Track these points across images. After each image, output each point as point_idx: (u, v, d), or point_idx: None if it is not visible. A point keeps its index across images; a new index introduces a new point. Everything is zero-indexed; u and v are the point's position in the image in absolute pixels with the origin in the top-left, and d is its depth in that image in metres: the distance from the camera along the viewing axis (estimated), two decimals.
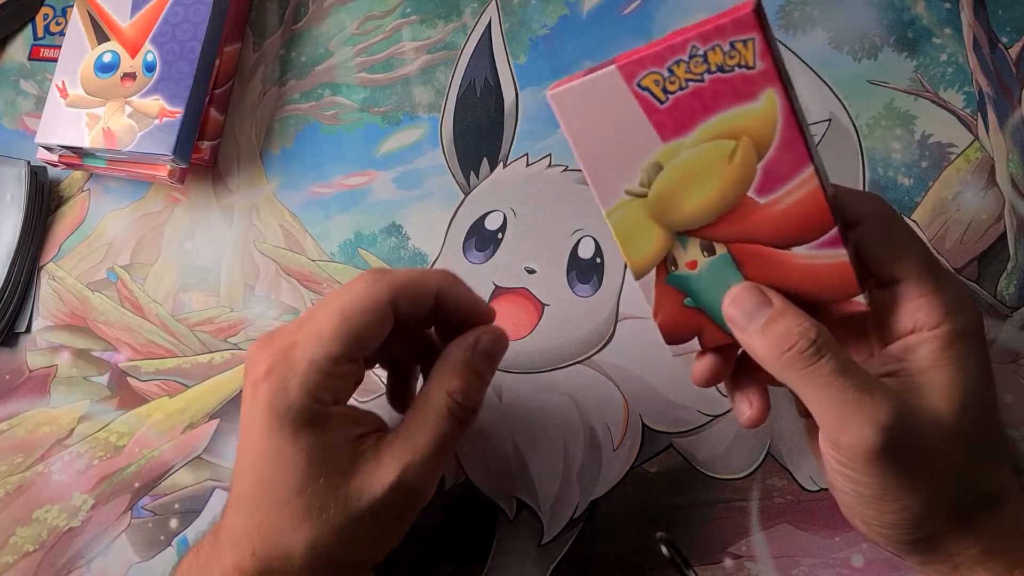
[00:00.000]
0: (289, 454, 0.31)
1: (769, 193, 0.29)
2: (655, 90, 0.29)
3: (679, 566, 0.41)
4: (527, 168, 0.47)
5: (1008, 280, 0.41)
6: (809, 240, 0.30)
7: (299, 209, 0.50)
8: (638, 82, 0.29)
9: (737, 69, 0.28)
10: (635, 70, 0.29)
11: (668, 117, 0.29)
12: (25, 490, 0.49)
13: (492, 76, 0.48)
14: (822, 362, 0.29)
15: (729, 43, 0.28)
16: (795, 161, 0.29)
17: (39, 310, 0.52)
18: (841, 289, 0.30)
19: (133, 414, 0.49)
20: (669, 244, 0.31)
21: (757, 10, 0.27)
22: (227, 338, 0.49)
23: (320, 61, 0.51)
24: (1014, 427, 0.40)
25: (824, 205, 0.29)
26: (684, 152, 0.29)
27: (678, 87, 0.29)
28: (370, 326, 0.32)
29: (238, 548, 0.32)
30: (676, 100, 0.29)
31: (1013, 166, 0.42)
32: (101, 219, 0.52)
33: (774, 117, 0.28)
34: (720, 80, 0.28)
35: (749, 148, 0.29)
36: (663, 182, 0.30)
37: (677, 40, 0.28)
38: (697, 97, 0.29)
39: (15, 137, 0.54)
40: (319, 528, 0.32)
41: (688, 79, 0.28)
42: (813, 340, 0.29)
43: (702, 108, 0.29)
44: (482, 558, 0.43)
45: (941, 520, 0.31)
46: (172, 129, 0.48)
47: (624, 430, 0.43)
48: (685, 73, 0.28)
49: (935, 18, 0.44)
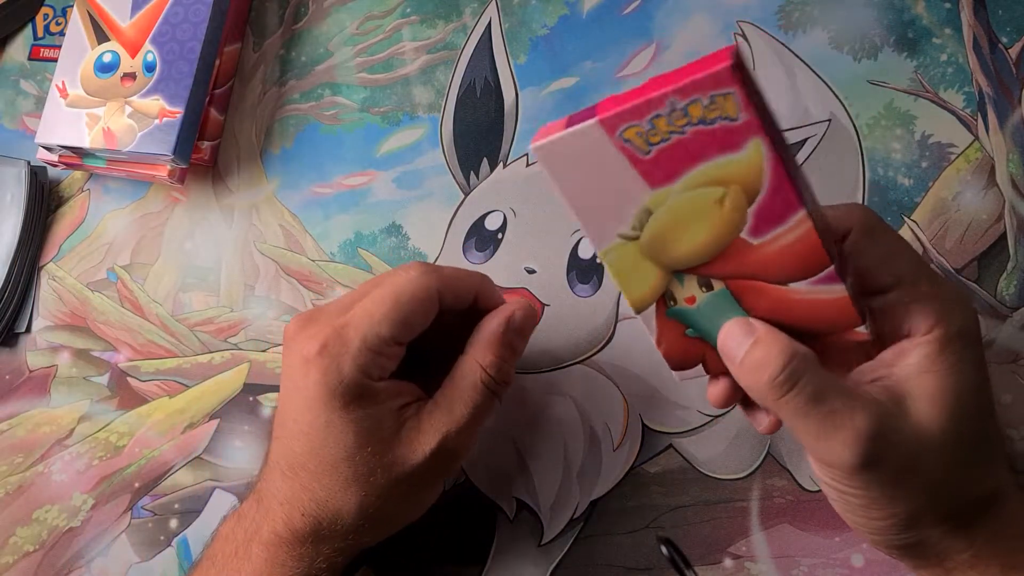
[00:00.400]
0: (339, 425, 0.34)
1: (762, 235, 0.29)
2: (638, 142, 0.29)
3: (679, 566, 0.41)
4: (527, 168, 0.47)
5: (1008, 280, 0.41)
6: (806, 277, 0.30)
7: (299, 209, 0.50)
8: (620, 135, 0.29)
9: (719, 121, 0.28)
10: (616, 123, 0.29)
11: (653, 167, 0.29)
12: (25, 490, 0.49)
13: (492, 76, 0.48)
14: (795, 390, 0.29)
15: (709, 96, 0.27)
16: (785, 206, 0.29)
17: (39, 310, 0.52)
18: (842, 322, 0.30)
19: (133, 414, 0.49)
20: (666, 281, 0.31)
21: (735, 65, 0.27)
22: (227, 338, 0.49)
23: (320, 61, 0.51)
24: (1013, 427, 0.40)
25: (818, 245, 0.29)
26: (673, 198, 0.29)
27: (660, 139, 0.29)
28: (419, 313, 0.35)
29: (287, 507, 0.35)
30: (660, 151, 0.29)
31: (1013, 166, 0.42)
32: (101, 219, 0.52)
33: (760, 165, 0.28)
34: (703, 132, 0.28)
35: (738, 195, 0.29)
36: (654, 226, 0.30)
37: (655, 95, 0.28)
38: (681, 148, 0.28)
39: (15, 137, 0.54)
40: (366, 491, 0.34)
41: (670, 131, 0.28)
42: (783, 367, 0.29)
43: (687, 158, 0.29)
44: (482, 558, 0.43)
45: (931, 524, 0.31)
46: (172, 129, 0.48)
47: (624, 430, 0.43)
48: (667, 126, 0.28)
49: (935, 18, 0.44)
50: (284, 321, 0.48)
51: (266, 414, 0.47)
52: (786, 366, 0.29)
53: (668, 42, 0.47)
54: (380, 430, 0.35)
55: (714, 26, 0.46)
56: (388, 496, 0.35)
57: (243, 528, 0.36)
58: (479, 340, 0.37)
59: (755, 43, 0.46)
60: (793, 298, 0.30)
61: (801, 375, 0.29)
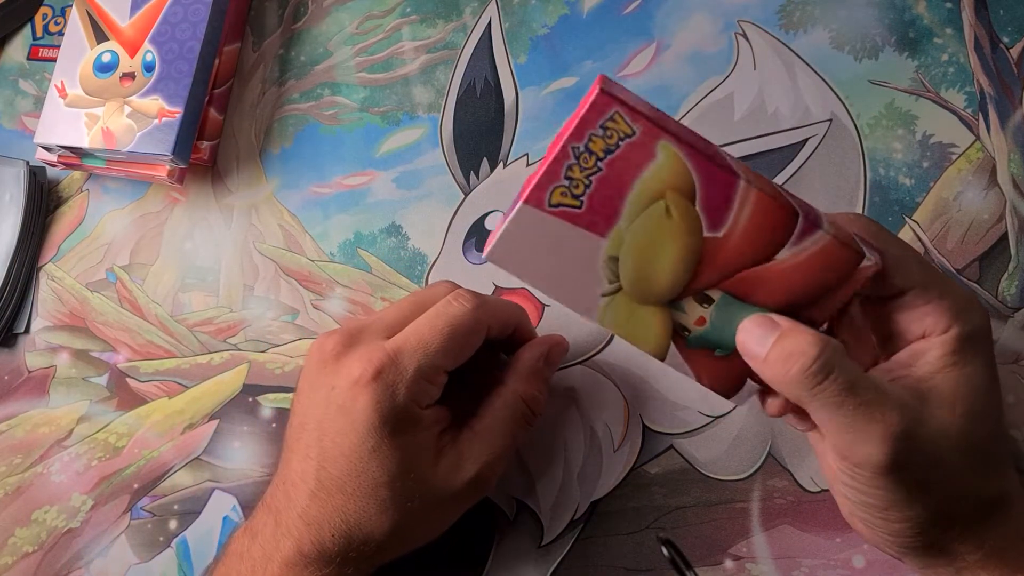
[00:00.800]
0: (386, 451, 0.34)
1: (722, 224, 0.30)
2: (567, 201, 0.30)
3: (679, 567, 0.40)
4: (527, 168, 0.47)
5: (1009, 281, 0.41)
6: (785, 241, 0.30)
7: (298, 209, 0.50)
8: (548, 203, 0.30)
9: (622, 142, 0.29)
10: (539, 195, 0.29)
11: (592, 215, 0.30)
12: (24, 491, 0.49)
13: (492, 76, 0.48)
14: (829, 380, 0.29)
15: (600, 127, 0.28)
16: (724, 185, 0.29)
17: (38, 310, 0.52)
18: (843, 266, 0.30)
19: (132, 415, 0.49)
20: (668, 315, 0.31)
21: (604, 88, 0.28)
22: (226, 339, 0.49)
23: (320, 61, 0.51)
24: (1016, 427, 0.40)
25: (775, 205, 0.29)
26: (627, 234, 0.30)
27: (584, 187, 0.29)
28: (470, 345, 0.36)
29: (315, 528, 0.35)
30: (589, 198, 0.29)
31: (1014, 166, 0.42)
32: (100, 219, 0.52)
33: (680, 161, 0.29)
34: (614, 160, 0.29)
35: (677, 198, 0.29)
36: (627, 269, 0.30)
37: (557, 149, 0.29)
38: (605, 185, 0.29)
39: (14, 137, 0.54)
40: (401, 515, 0.35)
41: (588, 175, 0.29)
42: (816, 357, 0.28)
43: (615, 190, 0.29)
44: (482, 559, 0.43)
45: (946, 526, 0.31)
46: (171, 129, 0.47)
47: (624, 431, 0.43)
48: (582, 172, 0.29)
49: (936, 18, 0.44)
50: (284, 322, 0.48)
51: (265, 415, 0.47)
52: (820, 355, 0.28)
53: (668, 41, 0.47)
54: (422, 457, 0.35)
55: (714, 26, 0.46)
56: (420, 520, 0.36)
57: (259, 546, 0.36)
58: (519, 372, 0.38)
59: (756, 43, 0.45)
60: (788, 267, 0.30)
61: (835, 365, 0.29)
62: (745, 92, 0.45)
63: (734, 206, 0.29)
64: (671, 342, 0.32)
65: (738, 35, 0.46)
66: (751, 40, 0.46)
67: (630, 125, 0.28)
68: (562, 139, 0.29)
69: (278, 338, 0.48)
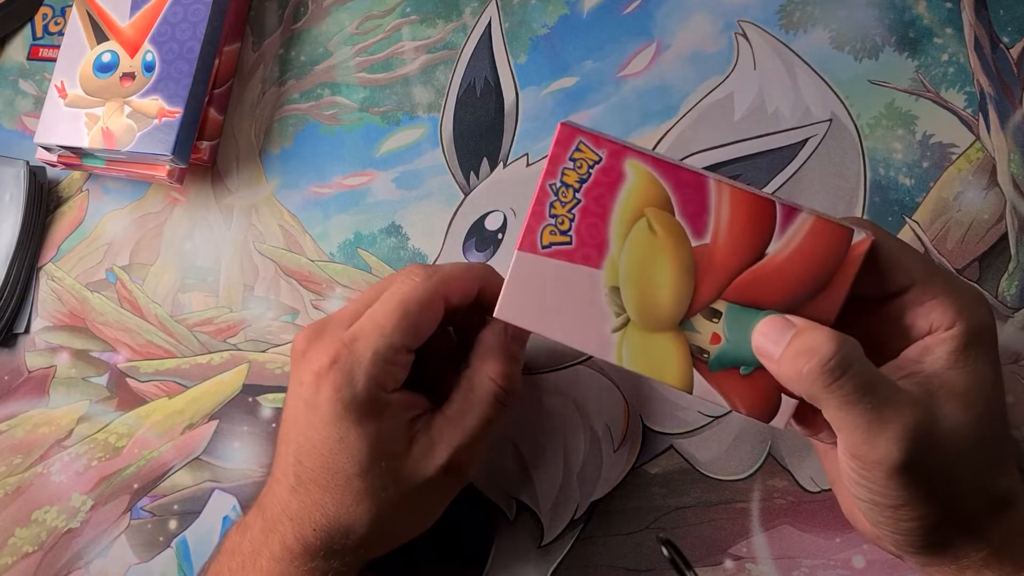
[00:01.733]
0: (353, 440, 0.34)
1: (706, 229, 0.30)
2: (557, 239, 0.31)
3: (679, 567, 0.40)
4: (527, 168, 0.47)
5: (1009, 281, 0.41)
6: (771, 231, 0.30)
7: (298, 209, 0.50)
8: (541, 245, 0.31)
9: (592, 169, 0.30)
10: (531, 239, 0.31)
11: (583, 247, 0.31)
12: (24, 491, 0.49)
13: (492, 76, 0.48)
14: (846, 376, 0.28)
15: (569, 159, 0.30)
16: (695, 188, 0.30)
17: (38, 311, 0.52)
18: (836, 243, 0.30)
19: (132, 415, 0.49)
20: (683, 339, 0.31)
21: (565, 122, 0.31)
22: (226, 339, 0.49)
23: (319, 61, 0.51)
24: (1016, 427, 0.40)
25: (750, 196, 0.30)
26: (621, 261, 0.31)
27: (569, 222, 0.31)
28: (428, 319, 0.35)
29: (297, 523, 0.35)
30: (577, 231, 0.31)
31: (1014, 166, 0.42)
32: (100, 219, 0.52)
33: (650, 175, 0.30)
34: (590, 187, 0.31)
35: (657, 213, 0.30)
36: (629, 296, 0.31)
37: (538, 189, 0.31)
38: (588, 215, 0.31)
39: (14, 137, 0.54)
40: (378, 505, 0.34)
41: (570, 208, 0.31)
42: (834, 352, 0.28)
43: (599, 218, 0.31)
44: (482, 559, 0.43)
45: (954, 526, 0.31)
46: (171, 129, 0.47)
47: (625, 431, 0.43)
48: (564, 207, 0.31)
49: (936, 18, 0.44)
50: (283, 322, 0.48)
51: (265, 415, 0.47)
52: (838, 351, 0.28)
53: (669, 41, 0.47)
54: (393, 444, 0.34)
55: (715, 25, 0.46)
56: (399, 510, 0.35)
57: (249, 541, 0.36)
58: (484, 352, 0.37)
59: (756, 43, 0.45)
60: (783, 260, 0.30)
61: (853, 361, 0.28)
62: (745, 92, 0.45)
63: (711, 207, 0.30)
64: (694, 369, 0.31)
65: (738, 35, 0.46)
66: (751, 40, 0.46)
67: (595, 151, 0.30)
68: (541, 180, 0.31)
69: (278, 338, 0.48)
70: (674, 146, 0.45)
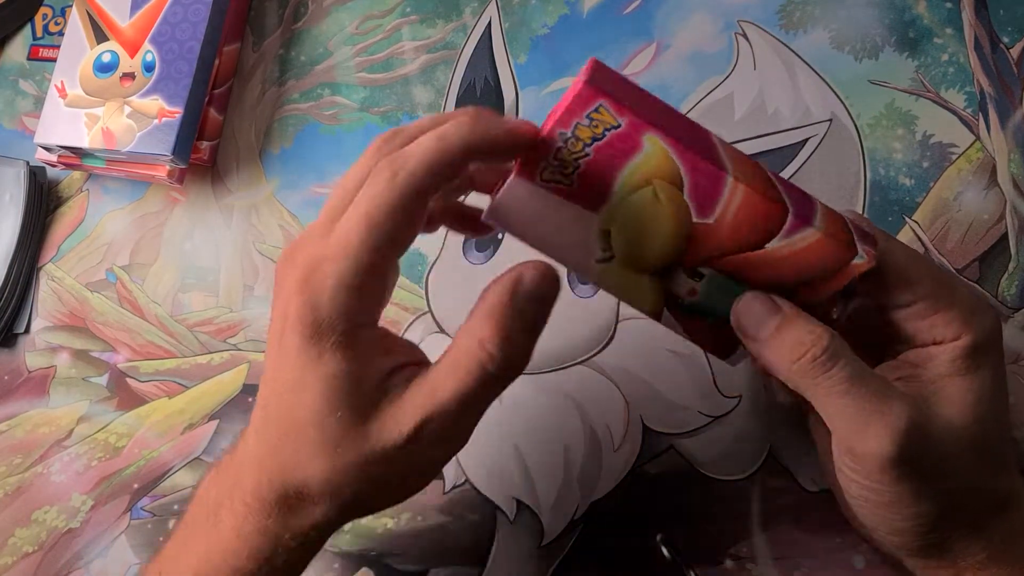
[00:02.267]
0: (310, 381, 0.29)
1: (711, 212, 0.30)
2: (557, 177, 0.30)
3: (679, 567, 0.40)
4: None
5: (1009, 281, 0.41)
6: (774, 233, 0.30)
7: (298, 209, 0.49)
8: (540, 177, 0.30)
9: (607, 132, 0.29)
10: (531, 170, 0.30)
11: (583, 193, 0.30)
12: (24, 491, 0.49)
13: (492, 76, 0.48)
14: (836, 368, 0.28)
15: (586, 116, 0.29)
16: (711, 180, 0.29)
17: (38, 311, 0.52)
18: (833, 260, 0.30)
19: (132, 415, 0.49)
20: (661, 284, 0.32)
21: (590, 80, 0.28)
22: (226, 339, 0.49)
23: (320, 61, 0.51)
24: (1016, 427, 0.40)
25: (764, 200, 0.29)
26: (618, 211, 0.30)
27: (572, 168, 0.30)
28: (400, 228, 0.28)
29: (255, 472, 0.31)
30: (578, 178, 0.30)
31: (1014, 166, 0.42)
32: (100, 219, 0.52)
33: (667, 154, 0.29)
34: (601, 147, 0.29)
35: (666, 186, 0.30)
36: (619, 241, 0.31)
37: (546, 132, 0.29)
38: (593, 167, 0.30)
39: (14, 137, 0.54)
40: (333, 463, 0.29)
41: (576, 158, 0.29)
42: (826, 347, 0.28)
43: (604, 174, 0.30)
44: (482, 559, 0.43)
45: (952, 526, 0.31)
46: (171, 129, 0.47)
47: (625, 431, 0.43)
48: (570, 155, 0.29)
49: (936, 18, 0.44)
50: None
51: None
52: (830, 344, 0.28)
53: (668, 41, 0.46)
54: (355, 395, 0.29)
55: (715, 25, 0.46)
56: (359, 476, 0.30)
57: (216, 488, 0.33)
58: (479, 308, 0.29)
59: (756, 43, 0.45)
60: (778, 256, 0.30)
61: (842, 354, 0.29)
62: (745, 92, 0.45)
63: (722, 200, 0.30)
64: (664, 306, 0.32)
65: (738, 35, 0.46)
66: (751, 40, 0.46)
67: (615, 117, 0.29)
68: (551, 123, 0.29)
69: None
70: None
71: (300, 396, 0.29)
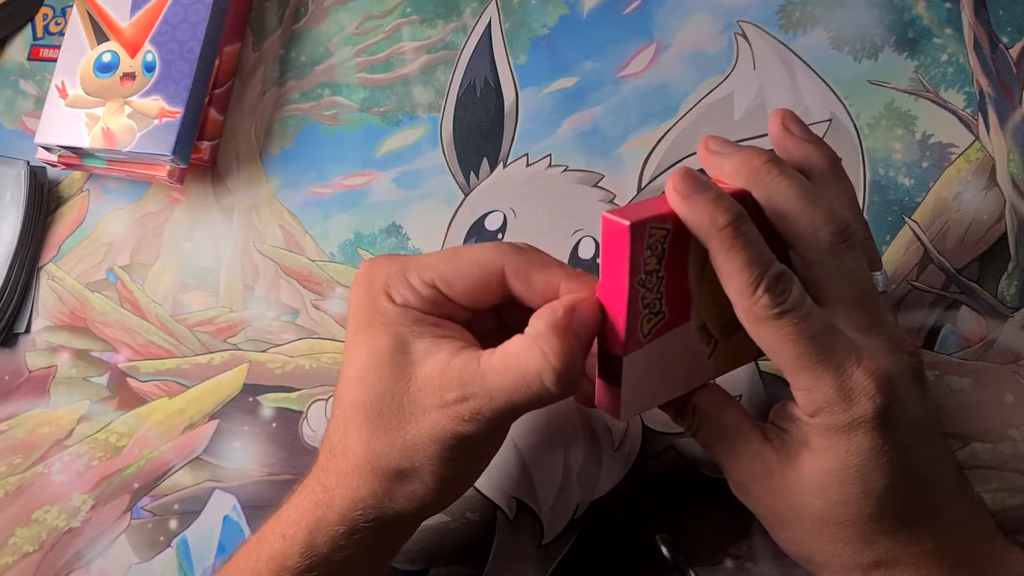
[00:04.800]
0: (360, 343, 0.32)
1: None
2: (654, 322, 0.30)
3: (679, 567, 0.40)
4: (527, 168, 0.47)
5: (1009, 280, 0.41)
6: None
7: (299, 209, 0.50)
8: (642, 337, 0.30)
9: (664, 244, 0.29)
10: (634, 337, 0.30)
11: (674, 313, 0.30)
12: (24, 491, 0.49)
13: (492, 76, 0.48)
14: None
15: (646, 248, 0.29)
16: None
17: (38, 311, 0.52)
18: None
19: (133, 415, 0.49)
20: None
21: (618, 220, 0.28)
22: (226, 338, 0.49)
23: (320, 61, 0.51)
24: (1015, 427, 0.40)
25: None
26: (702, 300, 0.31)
27: (658, 301, 0.30)
28: (472, 277, 0.32)
29: (326, 442, 0.34)
30: (666, 305, 0.30)
31: (1014, 166, 0.42)
32: (100, 219, 0.52)
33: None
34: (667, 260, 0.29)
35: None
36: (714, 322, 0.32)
37: (628, 292, 0.29)
38: (671, 284, 0.30)
39: (14, 137, 0.54)
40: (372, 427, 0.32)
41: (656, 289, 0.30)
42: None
43: (679, 281, 0.30)
44: (482, 558, 0.43)
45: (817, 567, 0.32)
46: (172, 129, 0.47)
47: (625, 430, 0.43)
48: (652, 293, 0.29)
49: (936, 18, 0.44)
50: (284, 321, 0.48)
51: (266, 415, 0.47)
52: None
53: (668, 41, 0.47)
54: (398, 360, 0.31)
55: (715, 25, 0.46)
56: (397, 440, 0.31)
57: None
58: (540, 321, 0.30)
59: (755, 43, 0.46)
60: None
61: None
62: (745, 92, 0.45)
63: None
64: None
65: (738, 35, 0.46)
66: (751, 40, 0.46)
67: (662, 227, 0.29)
68: (623, 282, 0.28)
69: (278, 338, 0.48)
70: (674, 146, 0.45)
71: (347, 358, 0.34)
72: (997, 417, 0.40)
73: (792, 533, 0.32)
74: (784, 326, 0.28)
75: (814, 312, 0.29)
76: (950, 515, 0.31)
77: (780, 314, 0.28)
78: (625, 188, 0.46)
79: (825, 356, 0.29)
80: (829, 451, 0.29)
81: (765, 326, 0.29)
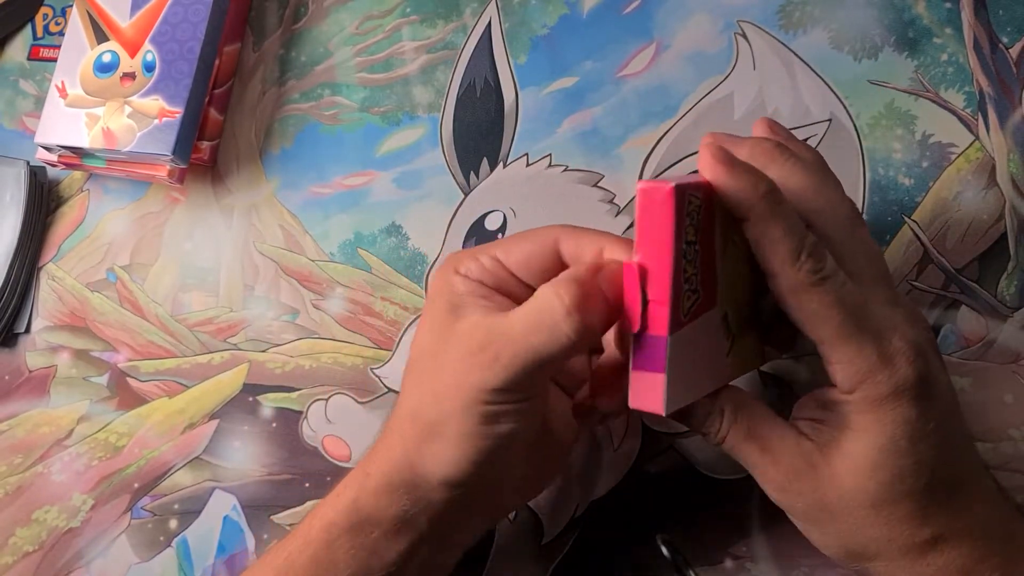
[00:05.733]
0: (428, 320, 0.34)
1: None
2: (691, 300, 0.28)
3: (679, 567, 0.41)
4: (527, 168, 0.47)
5: (1008, 280, 0.41)
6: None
7: (299, 209, 0.50)
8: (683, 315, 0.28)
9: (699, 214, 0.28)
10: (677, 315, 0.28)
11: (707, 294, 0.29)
12: (24, 491, 0.49)
13: (492, 76, 0.48)
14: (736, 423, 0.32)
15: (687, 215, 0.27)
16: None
17: (38, 310, 0.52)
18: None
19: (133, 414, 0.49)
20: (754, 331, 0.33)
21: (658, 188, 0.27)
22: (226, 338, 0.49)
23: (320, 61, 0.51)
24: (1015, 427, 0.40)
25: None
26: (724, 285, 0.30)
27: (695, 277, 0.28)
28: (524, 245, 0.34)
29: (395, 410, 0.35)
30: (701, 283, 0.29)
31: (1014, 166, 0.42)
32: (100, 219, 0.52)
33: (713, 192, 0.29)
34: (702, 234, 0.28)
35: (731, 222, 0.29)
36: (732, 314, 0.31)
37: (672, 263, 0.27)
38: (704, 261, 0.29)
39: (14, 137, 0.54)
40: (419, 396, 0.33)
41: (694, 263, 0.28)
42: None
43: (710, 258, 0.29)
44: (482, 558, 0.43)
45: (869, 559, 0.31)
46: (171, 129, 0.47)
47: (625, 430, 0.43)
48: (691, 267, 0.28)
49: (936, 18, 0.44)
50: (284, 321, 0.48)
51: (266, 414, 0.47)
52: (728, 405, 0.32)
53: (668, 41, 0.47)
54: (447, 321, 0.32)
55: (715, 25, 0.46)
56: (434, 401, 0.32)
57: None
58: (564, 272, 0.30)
59: (755, 43, 0.46)
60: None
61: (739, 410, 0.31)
62: (745, 92, 0.45)
63: None
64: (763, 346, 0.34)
65: (738, 35, 0.46)
66: (751, 40, 0.46)
67: (697, 197, 0.28)
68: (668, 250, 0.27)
69: (278, 338, 0.48)
70: (674, 146, 0.45)
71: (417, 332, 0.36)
72: (997, 417, 0.40)
73: (842, 526, 0.31)
74: (828, 292, 0.28)
75: (848, 282, 0.29)
76: (985, 484, 0.31)
77: (823, 279, 0.28)
78: (625, 188, 0.46)
79: (865, 324, 0.29)
80: (875, 426, 0.29)
81: (809, 294, 0.29)
